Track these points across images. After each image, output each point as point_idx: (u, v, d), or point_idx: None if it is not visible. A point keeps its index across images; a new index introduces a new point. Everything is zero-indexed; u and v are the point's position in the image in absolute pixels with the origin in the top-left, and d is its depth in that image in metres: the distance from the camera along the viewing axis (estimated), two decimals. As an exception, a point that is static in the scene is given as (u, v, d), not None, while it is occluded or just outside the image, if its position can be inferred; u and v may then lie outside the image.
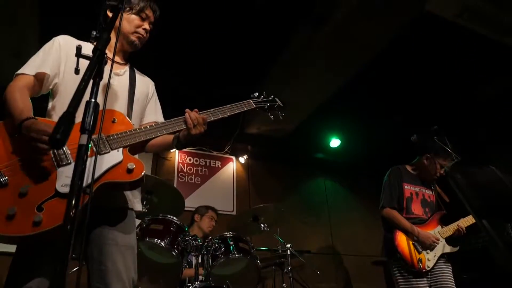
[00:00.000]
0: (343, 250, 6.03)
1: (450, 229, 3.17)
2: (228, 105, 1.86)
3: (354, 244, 6.02)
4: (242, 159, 6.01)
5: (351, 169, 6.51)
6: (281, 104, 2.12)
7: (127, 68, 1.87)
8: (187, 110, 1.70)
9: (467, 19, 3.55)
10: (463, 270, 4.68)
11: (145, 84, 1.94)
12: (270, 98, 2.11)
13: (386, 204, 3.18)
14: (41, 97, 1.69)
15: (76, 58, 1.29)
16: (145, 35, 1.85)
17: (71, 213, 0.95)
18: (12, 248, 1.41)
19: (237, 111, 1.88)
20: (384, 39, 3.96)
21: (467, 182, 1.21)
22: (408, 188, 3.25)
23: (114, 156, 1.46)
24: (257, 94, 2.08)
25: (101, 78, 1.15)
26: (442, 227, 3.18)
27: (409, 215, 3.15)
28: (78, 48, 1.27)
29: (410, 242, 3.01)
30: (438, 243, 3.04)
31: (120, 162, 1.46)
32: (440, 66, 4.41)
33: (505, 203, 1.30)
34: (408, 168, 3.39)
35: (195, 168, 5.59)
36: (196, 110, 1.72)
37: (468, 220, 3.20)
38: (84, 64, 1.41)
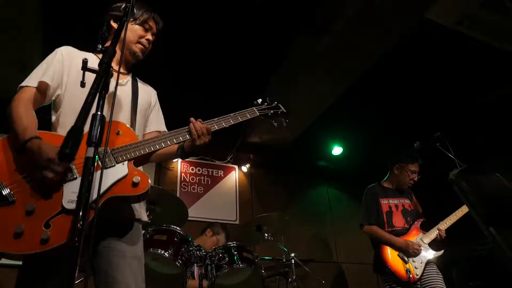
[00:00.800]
0: (347, 259, 5.99)
1: (431, 234, 3.24)
2: (231, 114, 1.83)
3: (358, 253, 5.97)
4: (244, 168, 6.00)
5: (354, 176, 6.47)
6: (284, 111, 2.06)
7: (129, 77, 1.87)
8: (191, 119, 1.69)
9: (467, 27, 3.58)
10: (469, 277, 4.64)
11: (147, 93, 1.93)
12: (273, 105, 2.05)
13: (364, 222, 3.31)
14: (44, 109, 1.69)
15: (82, 71, 1.29)
16: (147, 46, 1.85)
17: (78, 226, 0.96)
18: (15, 261, 1.41)
19: (240, 120, 1.85)
20: (384, 47, 3.99)
21: (473, 189, 1.22)
22: (386, 203, 3.36)
23: (120, 170, 1.46)
24: (261, 100, 2.02)
25: (107, 91, 1.15)
26: (423, 234, 3.25)
27: (391, 228, 3.25)
28: (84, 62, 1.27)
29: (396, 254, 3.09)
30: (420, 250, 3.09)
31: (125, 176, 1.45)
32: (440, 73, 4.43)
33: (510, 210, 1.30)
34: (384, 184, 3.51)
35: (197, 178, 5.59)
36: (200, 120, 1.71)
37: (446, 222, 3.29)
38: (89, 76, 1.43)
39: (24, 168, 1.36)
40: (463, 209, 3.28)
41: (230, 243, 3.22)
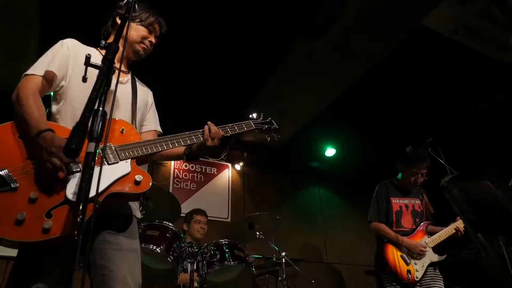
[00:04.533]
0: (337, 259, 6.05)
1: (436, 238, 3.25)
2: (229, 125, 1.94)
3: (348, 253, 6.04)
4: (238, 166, 6.03)
5: (346, 178, 6.56)
6: (277, 127, 2.17)
7: (129, 76, 1.89)
8: (209, 122, 1.80)
9: (463, 36, 3.64)
10: (455, 281, 4.72)
11: (145, 93, 1.97)
12: (267, 120, 2.15)
13: (373, 219, 3.32)
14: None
15: (84, 66, 1.30)
16: (149, 47, 1.89)
17: (78, 220, 0.97)
18: (6, 252, 1.41)
19: (238, 131, 1.96)
20: (381, 53, 4.03)
21: (463, 196, 1.25)
22: (397, 202, 3.37)
23: (123, 167, 1.48)
24: (256, 115, 2.13)
25: (109, 87, 1.17)
26: (428, 237, 3.27)
27: (398, 228, 3.27)
28: (87, 57, 1.29)
29: (399, 254, 3.11)
30: (426, 251, 3.12)
31: (128, 174, 1.47)
32: (435, 80, 4.49)
33: (498, 217, 1.34)
34: (395, 182, 3.51)
35: (190, 174, 5.60)
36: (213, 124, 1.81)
37: (451, 229, 3.28)
38: (91, 71, 1.43)
39: (30, 156, 1.37)
40: None
41: (222, 240, 3.24)
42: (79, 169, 1.39)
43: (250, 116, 2.11)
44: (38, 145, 1.35)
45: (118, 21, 1.83)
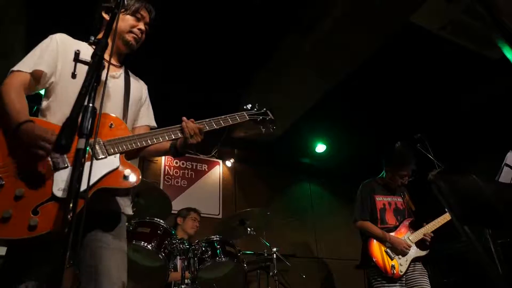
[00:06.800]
0: (327, 254, 6.10)
1: (419, 234, 3.33)
2: (222, 116, 1.87)
3: (338, 248, 6.10)
4: (228, 163, 6.02)
5: (336, 174, 6.60)
6: (272, 118, 2.10)
7: (122, 70, 1.87)
8: (184, 118, 1.71)
9: (451, 32, 3.69)
10: (443, 274, 4.81)
11: (139, 87, 1.94)
12: (262, 111, 2.08)
13: (358, 217, 3.37)
14: (28, 97, 1.65)
15: (73, 62, 1.29)
16: (140, 35, 1.84)
17: (69, 217, 0.97)
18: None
19: (231, 123, 1.88)
20: (369, 49, 4.06)
21: (450, 190, 1.28)
22: (381, 200, 3.43)
23: (111, 162, 1.46)
24: (250, 106, 2.06)
25: (99, 83, 1.16)
26: (411, 233, 3.34)
27: (383, 225, 3.33)
28: (76, 53, 1.28)
29: (383, 249, 3.18)
30: (408, 250, 3.19)
31: (116, 168, 1.46)
32: (423, 75, 4.54)
33: (484, 210, 1.37)
34: (379, 181, 3.57)
35: (181, 171, 5.58)
36: (192, 120, 1.73)
37: (435, 224, 3.38)
38: (80, 67, 1.42)
39: (15, 153, 1.35)
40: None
41: (213, 236, 3.25)
42: (65, 165, 1.38)
43: (244, 107, 2.04)
44: (19, 138, 1.33)
45: (105, 15, 1.81)
